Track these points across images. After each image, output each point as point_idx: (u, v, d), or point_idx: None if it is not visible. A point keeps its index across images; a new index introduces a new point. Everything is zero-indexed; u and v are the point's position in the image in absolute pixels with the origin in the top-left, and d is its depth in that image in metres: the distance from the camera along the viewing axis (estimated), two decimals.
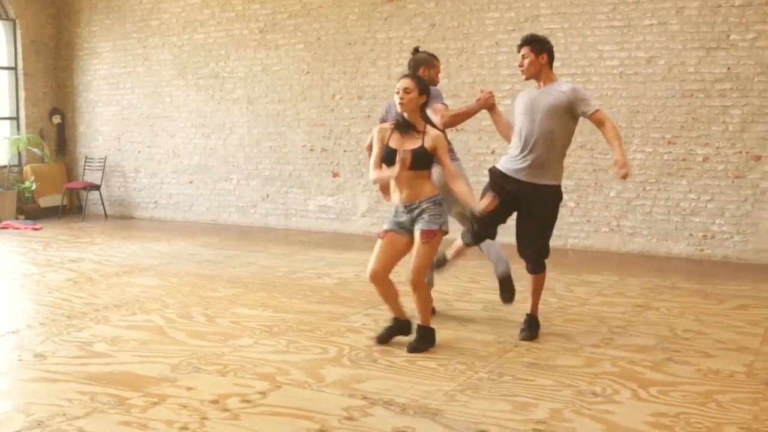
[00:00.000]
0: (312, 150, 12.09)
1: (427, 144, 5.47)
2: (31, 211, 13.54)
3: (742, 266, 9.20)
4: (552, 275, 8.36)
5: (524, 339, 5.86)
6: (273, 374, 5.06)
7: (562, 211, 10.15)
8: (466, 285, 7.85)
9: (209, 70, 12.90)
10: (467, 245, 6.19)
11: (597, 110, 5.77)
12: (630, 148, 9.87)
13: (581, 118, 5.87)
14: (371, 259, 5.58)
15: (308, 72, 12.04)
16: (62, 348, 5.68)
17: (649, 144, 9.80)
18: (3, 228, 12.36)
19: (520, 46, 5.93)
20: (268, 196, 12.56)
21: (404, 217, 5.54)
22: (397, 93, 5.51)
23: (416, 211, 5.49)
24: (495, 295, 7.27)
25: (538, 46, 5.93)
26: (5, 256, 10.02)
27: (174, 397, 4.63)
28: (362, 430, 4.12)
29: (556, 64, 10.29)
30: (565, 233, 10.31)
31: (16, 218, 13.11)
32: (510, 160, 5.89)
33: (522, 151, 5.79)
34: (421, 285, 5.52)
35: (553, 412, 4.39)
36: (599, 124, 5.83)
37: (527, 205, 5.82)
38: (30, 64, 13.96)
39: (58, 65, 14.41)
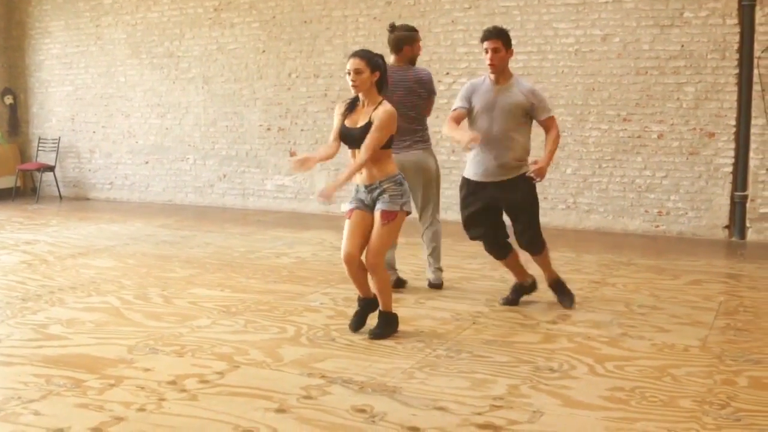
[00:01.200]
0: (269, 129, 12.02)
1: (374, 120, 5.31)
2: None
3: (697, 242, 9.33)
4: None
5: (568, 307, 6.15)
6: (231, 354, 5.04)
7: None
8: (425, 263, 7.86)
9: (164, 49, 12.74)
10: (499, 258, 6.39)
11: (550, 116, 6.00)
12: (586, 125, 9.95)
13: None
14: (344, 240, 5.44)
15: (264, 51, 11.95)
16: (17, 331, 5.61)
17: (605, 121, 9.87)
18: None
19: (489, 38, 5.81)
20: (225, 175, 12.48)
21: (365, 197, 5.44)
22: (348, 74, 5.34)
23: (377, 191, 5.37)
24: (453, 273, 7.32)
25: (508, 41, 5.93)
26: None
27: (131, 378, 4.59)
28: (321, 408, 4.13)
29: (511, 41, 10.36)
30: None
31: None
32: (473, 162, 5.98)
33: (483, 151, 5.88)
34: (380, 268, 5.41)
35: (510, 388, 4.43)
36: (547, 129, 6.02)
37: (506, 201, 6.00)
38: None
39: (9, 45, 14.14)
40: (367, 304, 5.66)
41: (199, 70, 12.49)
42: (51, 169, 13.61)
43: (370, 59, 5.35)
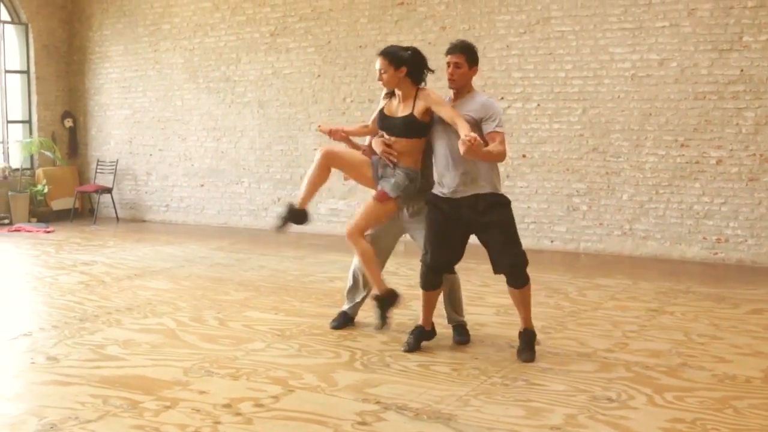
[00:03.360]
0: None
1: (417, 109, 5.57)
2: (43, 214, 13.57)
3: (757, 270, 9.13)
4: (564, 279, 8.37)
5: (525, 361, 5.41)
6: (285, 378, 5.05)
7: (574, 215, 10.22)
8: (479, 289, 7.81)
9: (220, 73, 12.91)
10: (426, 290, 5.68)
11: (496, 132, 5.35)
12: (642, 151, 9.83)
13: None
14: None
15: (319, 75, 12.03)
16: (75, 351, 5.68)
17: (662, 147, 9.75)
18: (16, 231, 12.40)
19: (452, 53, 5.52)
20: (279, 199, 12.55)
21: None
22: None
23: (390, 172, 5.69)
24: (508, 299, 7.24)
25: (473, 57, 5.57)
26: (18, 259, 10.06)
27: (187, 400, 4.62)
28: None
29: (567, 66, 10.34)
30: (578, 237, 10.28)
31: (29, 221, 13.16)
32: (440, 181, 5.59)
33: (449, 168, 5.47)
34: (354, 238, 5.67)
35: (567, 417, 4.36)
36: (490, 141, 5.34)
37: (477, 221, 5.44)
38: (42, 68, 14.00)
39: (70, 69, 14.44)
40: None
41: (254, 95, 12.62)
42: (108, 191, 13.83)
43: (393, 56, 5.60)
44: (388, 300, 5.73)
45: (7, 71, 13.68)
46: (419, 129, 5.54)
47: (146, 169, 13.88)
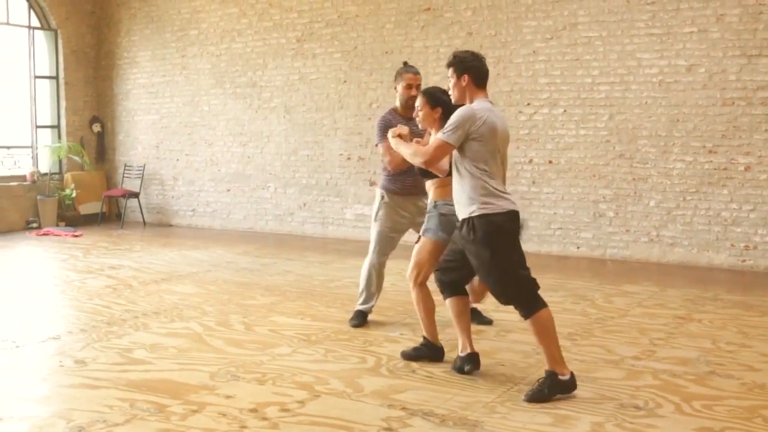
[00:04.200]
0: (349, 159, 12.10)
1: None
2: (71, 218, 13.69)
3: None
4: (591, 286, 8.32)
5: (524, 400, 4.76)
6: (311, 383, 5.05)
7: (601, 221, 10.15)
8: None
9: (247, 79, 12.97)
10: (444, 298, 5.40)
11: (437, 138, 5.03)
12: (670, 157, 9.77)
13: (475, 140, 4.93)
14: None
15: (345, 81, 12.06)
16: (102, 354, 5.71)
17: (690, 153, 9.68)
18: (44, 234, 12.51)
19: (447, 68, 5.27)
20: (305, 204, 12.59)
21: None
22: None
23: None
24: None
25: (459, 67, 5.13)
26: (46, 263, 10.15)
27: (213, 405, 4.63)
28: None
29: (594, 72, 10.26)
30: (604, 243, 10.22)
31: (57, 225, 13.27)
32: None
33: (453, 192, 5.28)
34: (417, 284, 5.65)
35: (594, 425, 4.33)
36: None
37: (464, 247, 5.08)
38: (71, 74, 14.13)
39: (98, 74, 14.57)
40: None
41: (281, 100, 12.67)
42: (135, 195, 13.93)
43: (431, 95, 5.49)
44: (432, 351, 5.58)
45: (36, 77, 13.85)
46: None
47: (173, 173, 13.97)
